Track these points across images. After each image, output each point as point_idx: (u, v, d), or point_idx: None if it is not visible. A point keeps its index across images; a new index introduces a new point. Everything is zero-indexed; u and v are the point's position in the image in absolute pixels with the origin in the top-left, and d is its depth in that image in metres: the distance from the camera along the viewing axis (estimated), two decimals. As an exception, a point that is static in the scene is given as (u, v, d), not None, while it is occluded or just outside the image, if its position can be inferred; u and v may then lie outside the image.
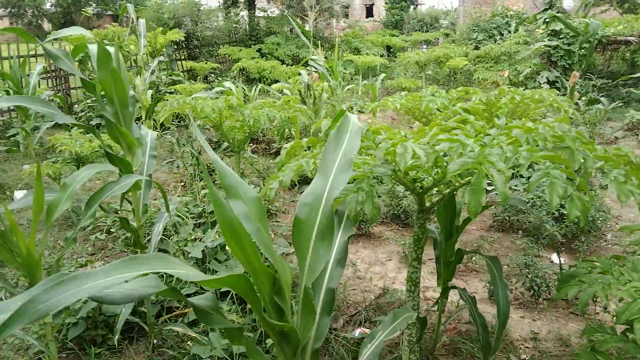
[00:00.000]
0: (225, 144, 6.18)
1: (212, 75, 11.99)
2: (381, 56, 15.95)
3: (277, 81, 11.99)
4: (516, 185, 5.36)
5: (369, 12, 46.66)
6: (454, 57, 12.01)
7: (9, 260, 2.24)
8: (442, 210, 2.67)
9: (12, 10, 44.69)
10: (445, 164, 1.98)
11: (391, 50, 20.38)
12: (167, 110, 3.94)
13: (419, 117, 3.68)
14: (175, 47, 13.23)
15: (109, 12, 44.75)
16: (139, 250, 2.84)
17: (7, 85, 7.17)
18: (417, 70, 12.94)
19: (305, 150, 2.37)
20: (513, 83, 10.36)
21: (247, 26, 16.39)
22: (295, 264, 3.80)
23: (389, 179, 1.81)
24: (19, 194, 5.81)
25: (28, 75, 6.54)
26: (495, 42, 14.86)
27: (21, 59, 7.13)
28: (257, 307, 1.27)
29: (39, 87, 7.96)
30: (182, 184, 5.54)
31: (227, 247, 3.61)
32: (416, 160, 1.63)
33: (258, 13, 17.91)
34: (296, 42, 15.49)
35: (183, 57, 13.65)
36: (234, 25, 16.12)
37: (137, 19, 6.03)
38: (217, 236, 3.92)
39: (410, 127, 8.26)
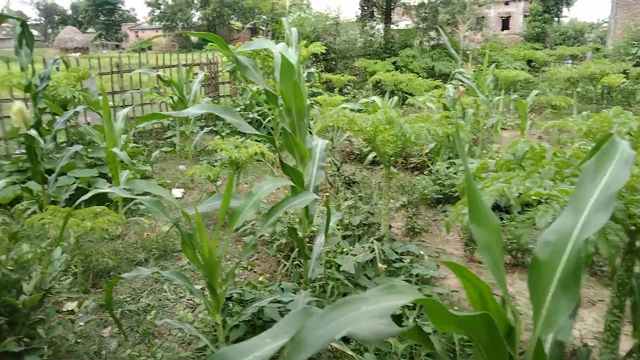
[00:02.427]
0: (369, 157, 6.14)
1: (348, 87, 12.15)
2: (522, 70, 15.01)
3: (411, 94, 11.82)
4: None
5: (505, 24, 44.55)
6: (610, 73, 10.88)
7: (192, 259, 2.35)
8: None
9: (166, 23, 50.04)
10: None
11: (531, 64, 19.16)
12: (324, 122, 3.98)
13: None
14: (314, 59, 13.66)
15: (249, 25, 48.06)
16: (302, 260, 2.85)
17: (168, 90, 7.89)
18: (565, 86, 11.96)
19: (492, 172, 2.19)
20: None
21: (382, 39, 16.43)
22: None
23: (623, 214, 1.56)
24: (176, 192, 6.30)
25: (190, 82, 7.10)
26: (660, 57, 13.24)
27: (183, 68, 7.80)
28: (499, 355, 1.12)
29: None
30: (327, 194, 5.60)
31: (379, 265, 3.52)
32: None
33: (392, 26, 17.91)
34: (431, 54, 15.18)
35: (320, 69, 14.05)
36: (369, 38, 16.26)
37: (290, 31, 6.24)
38: (366, 251, 3.86)
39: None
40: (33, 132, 3.58)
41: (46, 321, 2.61)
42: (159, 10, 49.97)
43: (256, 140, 7.89)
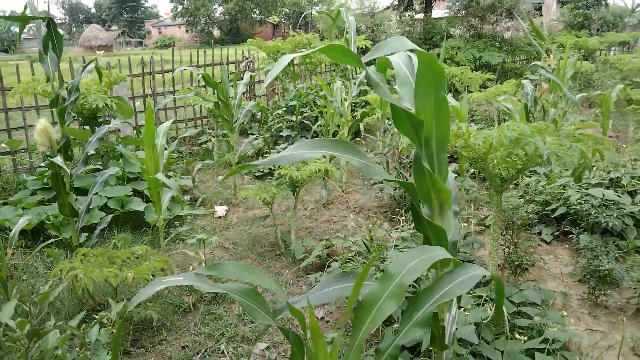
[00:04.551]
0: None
1: (390, 82, 11.21)
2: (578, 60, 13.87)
3: (457, 90, 10.82)
4: None
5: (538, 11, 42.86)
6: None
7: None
8: None
9: (189, 19, 49.57)
10: None
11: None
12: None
13: None
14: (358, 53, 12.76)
15: (271, 20, 47.35)
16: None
17: (207, 93, 7.13)
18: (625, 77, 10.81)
19: None
20: None
21: (422, 29, 15.41)
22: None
23: None
24: (219, 210, 5.53)
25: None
26: None
27: (226, 67, 7.00)
28: None
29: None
30: (387, 211, 4.75)
31: (516, 335, 2.66)
32: None
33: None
34: (477, 45, 14.13)
35: (358, 63, 13.15)
36: (407, 29, 15.26)
37: (349, 22, 5.41)
38: (483, 307, 3.00)
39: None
40: (59, 160, 2.81)
41: None
42: (181, 6, 49.59)
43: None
